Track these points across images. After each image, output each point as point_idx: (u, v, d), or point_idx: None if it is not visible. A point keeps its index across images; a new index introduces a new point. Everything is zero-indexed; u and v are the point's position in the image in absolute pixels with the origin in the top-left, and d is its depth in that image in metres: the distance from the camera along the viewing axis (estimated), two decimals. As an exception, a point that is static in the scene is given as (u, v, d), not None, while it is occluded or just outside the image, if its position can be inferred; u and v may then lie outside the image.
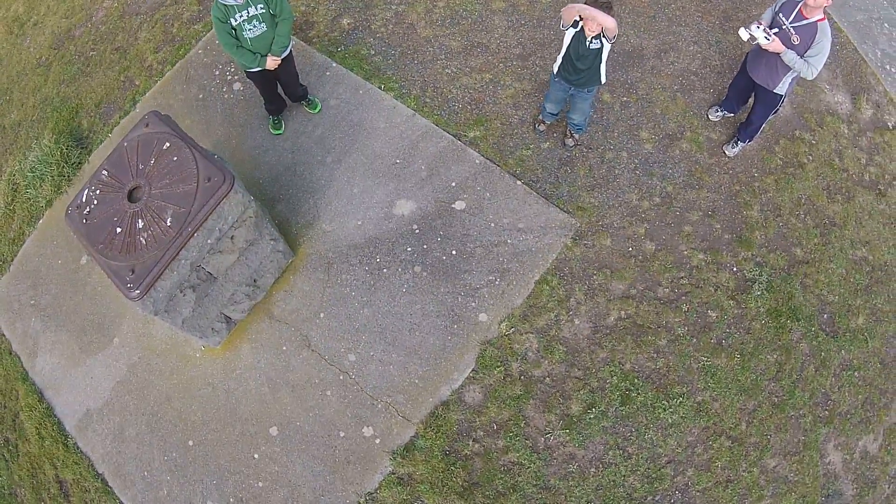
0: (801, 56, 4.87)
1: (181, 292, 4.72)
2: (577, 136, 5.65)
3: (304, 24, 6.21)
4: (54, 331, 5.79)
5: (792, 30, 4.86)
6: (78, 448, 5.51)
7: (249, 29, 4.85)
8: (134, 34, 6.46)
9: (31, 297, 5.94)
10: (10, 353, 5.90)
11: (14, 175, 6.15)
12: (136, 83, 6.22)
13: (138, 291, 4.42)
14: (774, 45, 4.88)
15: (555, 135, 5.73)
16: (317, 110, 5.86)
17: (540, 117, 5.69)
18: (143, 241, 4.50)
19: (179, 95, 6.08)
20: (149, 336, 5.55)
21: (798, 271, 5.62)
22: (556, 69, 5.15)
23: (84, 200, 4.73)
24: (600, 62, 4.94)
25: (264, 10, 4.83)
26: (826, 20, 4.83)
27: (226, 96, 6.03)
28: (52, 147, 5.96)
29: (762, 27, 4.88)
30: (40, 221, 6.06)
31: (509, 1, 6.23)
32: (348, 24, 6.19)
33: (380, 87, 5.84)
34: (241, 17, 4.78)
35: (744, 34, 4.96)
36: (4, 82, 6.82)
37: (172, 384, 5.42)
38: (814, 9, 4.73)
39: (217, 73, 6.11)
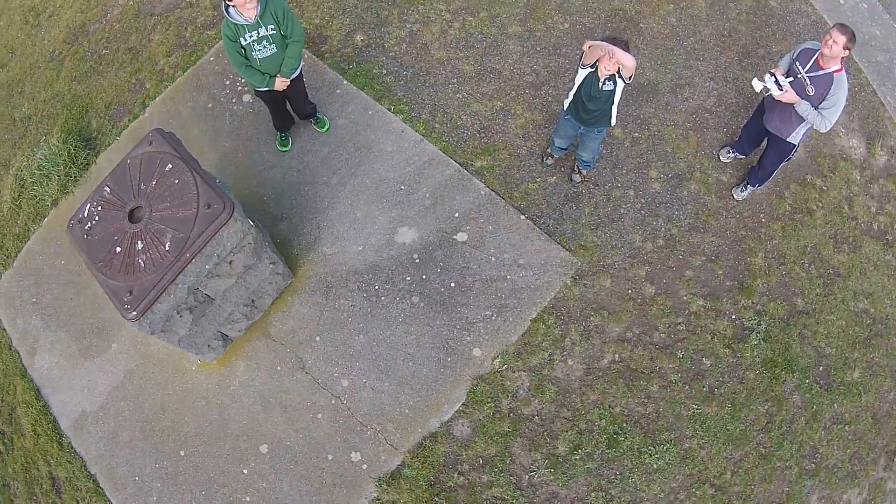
0: (816, 107, 4.66)
1: (178, 314, 4.64)
2: (584, 171, 5.47)
3: (317, 38, 6.00)
4: (54, 330, 5.74)
5: (807, 79, 4.63)
6: (72, 448, 5.48)
7: (259, 49, 4.67)
8: (147, 35, 6.27)
9: (33, 295, 5.87)
10: (10, 349, 5.85)
11: (21, 171, 6.04)
12: (147, 86, 6.05)
13: (135, 313, 4.34)
14: (787, 95, 4.67)
15: (562, 169, 5.55)
16: (325, 129, 5.69)
17: (548, 150, 5.51)
18: (142, 263, 4.40)
19: (189, 103, 5.91)
20: (146, 345, 5.48)
21: (797, 322, 5.47)
22: (566, 105, 4.95)
23: (86, 215, 4.63)
24: (612, 104, 4.74)
25: (275, 31, 4.64)
26: (843, 71, 4.60)
27: (235, 108, 5.86)
28: (59, 147, 5.83)
29: (776, 75, 4.66)
30: (45, 220, 5.96)
31: (525, 26, 5.99)
32: (362, 40, 5.98)
33: (389, 109, 5.66)
34: (250, 37, 4.60)
35: (757, 85, 4.76)
36: (17, 73, 6.66)
37: (167, 394, 5.36)
38: (830, 59, 4.51)
39: (228, 82, 5.93)
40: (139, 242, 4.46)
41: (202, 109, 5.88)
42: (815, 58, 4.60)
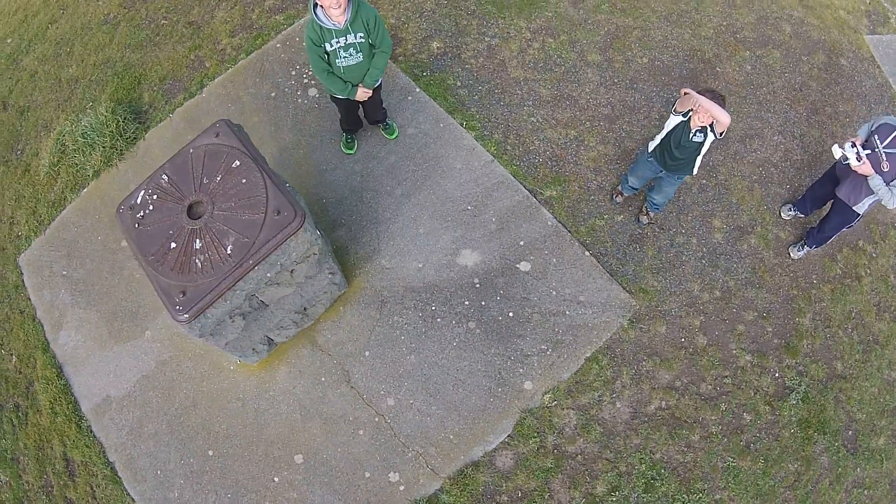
0: (888, 183, 4.32)
1: (231, 319, 4.06)
2: (652, 214, 5.00)
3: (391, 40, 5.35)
4: (83, 308, 5.09)
5: (884, 155, 4.30)
6: (91, 432, 4.90)
7: (345, 57, 4.04)
8: (211, 11, 5.53)
9: (64, 268, 5.20)
10: (34, 320, 5.19)
11: (64, 136, 5.31)
12: (206, 65, 5.34)
13: (187, 316, 3.75)
14: (864, 168, 4.33)
15: (630, 208, 5.06)
16: (393, 136, 5.08)
17: (619, 188, 5.01)
18: (199, 264, 3.80)
19: (250, 89, 5.23)
20: (183, 337, 4.88)
21: (834, 385, 5.13)
22: (650, 148, 4.47)
23: (139, 202, 3.99)
24: (698, 154, 4.29)
25: (363, 40, 4.01)
26: None
27: (299, 100, 5.21)
28: (107, 117, 5.12)
29: (856, 147, 4.31)
30: (84, 190, 5.27)
31: (605, 55, 5.43)
32: (437, 48, 5.35)
33: (461, 124, 5.07)
34: (337, 43, 3.97)
35: (837, 152, 4.40)
36: (67, 32, 5.85)
37: (201, 391, 4.79)
38: None
39: (294, 73, 5.26)
40: (197, 241, 3.85)
41: (264, 98, 5.20)
42: (894, 135, 4.25)
